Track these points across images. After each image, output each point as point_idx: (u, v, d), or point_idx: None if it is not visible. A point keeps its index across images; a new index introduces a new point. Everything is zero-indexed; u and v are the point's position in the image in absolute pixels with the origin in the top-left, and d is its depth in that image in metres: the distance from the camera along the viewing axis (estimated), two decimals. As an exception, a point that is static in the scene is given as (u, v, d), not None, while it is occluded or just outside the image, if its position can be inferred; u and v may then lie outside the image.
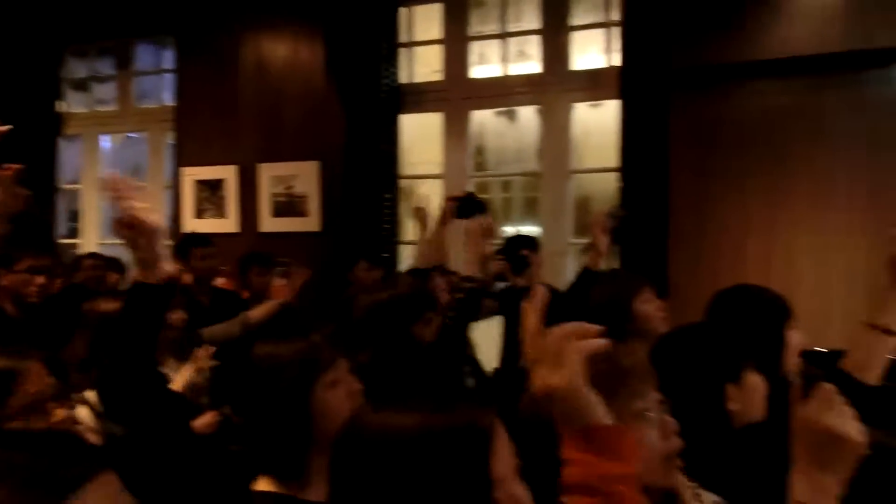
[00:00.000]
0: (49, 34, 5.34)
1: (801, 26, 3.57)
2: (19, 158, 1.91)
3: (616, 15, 4.14)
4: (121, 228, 1.38)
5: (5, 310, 2.76)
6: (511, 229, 4.88)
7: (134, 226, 1.37)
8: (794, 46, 3.58)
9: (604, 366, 1.15)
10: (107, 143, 5.67)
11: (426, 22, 4.79)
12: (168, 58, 5.36)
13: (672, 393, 1.18)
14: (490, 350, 3.51)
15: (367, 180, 4.52)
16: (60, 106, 5.57)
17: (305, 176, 4.78)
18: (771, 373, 1.53)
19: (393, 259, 4.56)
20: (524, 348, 1.03)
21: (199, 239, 3.67)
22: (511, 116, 4.87)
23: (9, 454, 0.68)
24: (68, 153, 5.64)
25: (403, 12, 4.72)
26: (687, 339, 1.52)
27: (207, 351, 2.56)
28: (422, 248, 3.37)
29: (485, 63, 4.76)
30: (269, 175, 4.88)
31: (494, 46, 4.68)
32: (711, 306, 1.87)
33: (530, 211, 4.97)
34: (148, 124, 5.46)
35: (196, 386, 2.65)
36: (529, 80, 4.48)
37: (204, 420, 2.57)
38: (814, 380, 1.10)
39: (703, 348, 1.47)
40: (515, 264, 3.43)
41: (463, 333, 2.45)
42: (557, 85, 4.37)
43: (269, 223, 4.89)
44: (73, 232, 5.67)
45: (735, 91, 3.84)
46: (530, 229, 4.39)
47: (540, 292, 1.08)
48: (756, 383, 1.44)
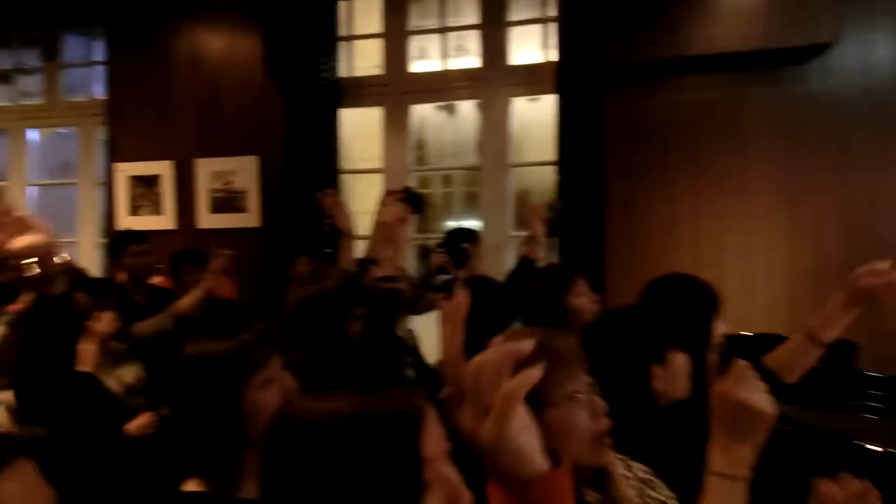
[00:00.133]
0: (-31, 24, 5.11)
1: (726, 24, 3.72)
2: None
3: (553, 11, 4.22)
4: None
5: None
6: (453, 223, 4.92)
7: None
8: (720, 43, 3.72)
9: (536, 352, 1.19)
10: (35, 138, 5.46)
11: (366, 16, 4.77)
12: (98, 49, 5.18)
13: (601, 375, 1.23)
14: (434, 342, 3.54)
15: (308, 175, 4.48)
16: (-17, 99, 5.35)
17: (244, 171, 4.71)
18: (696, 356, 1.61)
19: (335, 255, 4.53)
20: (444, 366, 0.95)
21: (134, 236, 3.57)
22: (451, 111, 4.90)
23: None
24: (-7, 148, 5.42)
25: (343, 6, 4.69)
26: (615, 323, 1.59)
27: (110, 316, 2.50)
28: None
29: (424, 57, 4.77)
30: (207, 170, 4.79)
31: (434, 41, 4.71)
32: (645, 292, 1.95)
33: (471, 204, 5.02)
34: (78, 118, 5.28)
35: (132, 387, 2.60)
36: (468, 75, 4.52)
37: (139, 422, 2.53)
38: (730, 358, 1.17)
39: (630, 330, 1.53)
40: (456, 257, 3.47)
41: (390, 330, 2.42)
42: (496, 80, 4.42)
43: (208, 219, 4.81)
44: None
45: (665, 86, 3.97)
46: (471, 223, 4.43)
47: (461, 300, 0.98)
48: (680, 363, 1.51)
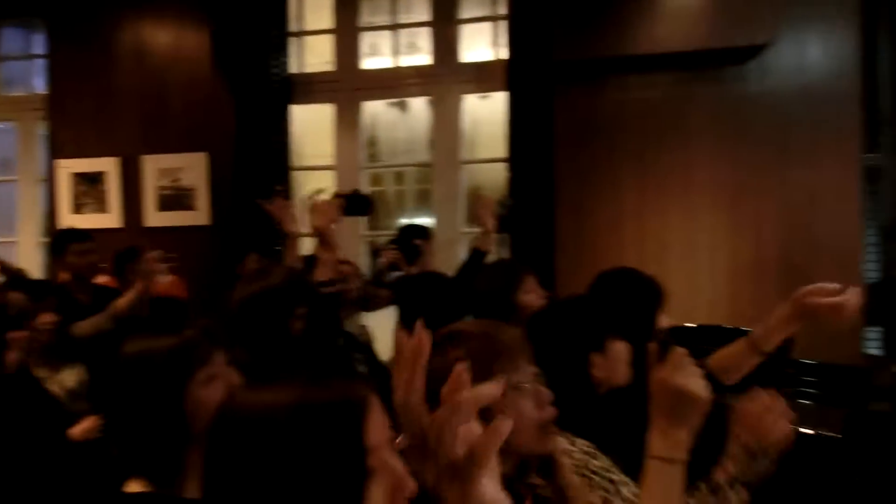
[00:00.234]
0: None
1: (670, 24, 3.82)
2: None
3: (503, 9, 4.26)
4: None
5: None
6: (405, 220, 4.92)
7: None
8: (664, 43, 3.82)
9: (482, 344, 1.21)
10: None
11: (316, 11, 4.74)
12: (38, 42, 5.03)
13: (546, 364, 1.26)
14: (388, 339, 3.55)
15: (258, 172, 4.43)
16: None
17: (193, 168, 4.64)
18: (639, 347, 1.65)
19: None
20: (401, 413, 0.80)
21: (76, 234, 3.48)
22: (403, 108, 4.91)
23: None
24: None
25: (293, 1, 4.64)
26: (557, 313, 1.63)
27: (50, 317, 2.45)
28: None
29: (376, 54, 4.77)
30: (154, 167, 4.70)
31: (385, 38, 4.70)
32: (593, 285, 2.00)
33: (423, 201, 5.03)
34: (17, 113, 5.10)
35: (74, 391, 2.54)
36: (420, 72, 4.53)
37: (83, 426, 2.47)
38: (668, 346, 1.21)
39: (570, 320, 1.57)
40: (408, 254, 3.48)
41: (333, 329, 2.41)
42: (447, 77, 4.44)
43: (155, 217, 4.72)
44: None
45: (612, 85, 4.05)
46: (423, 220, 4.44)
47: (421, 341, 0.78)
48: (619, 352, 1.55)
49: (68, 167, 4.79)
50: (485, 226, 3.04)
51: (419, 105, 4.76)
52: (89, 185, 4.79)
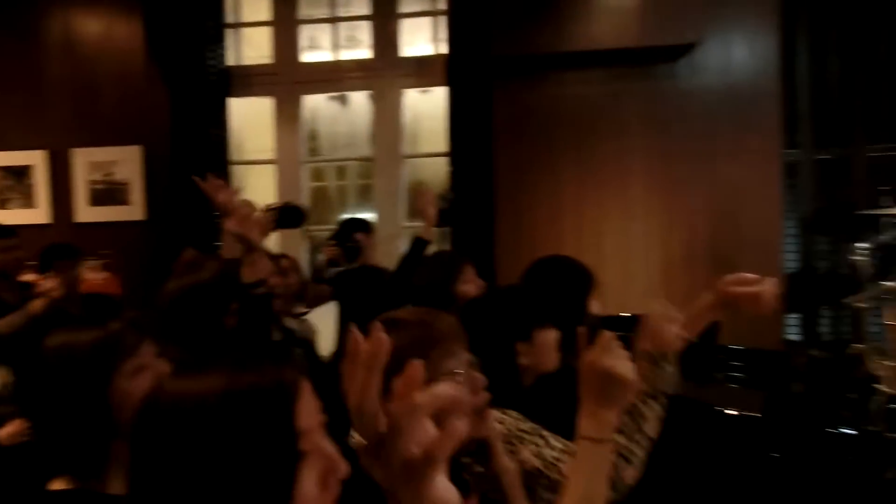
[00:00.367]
0: None
1: (605, 22, 3.92)
2: None
3: (442, 4, 4.27)
4: None
5: None
6: (347, 215, 4.89)
7: None
8: (599, 40, 3.91)
9: (418, 331, 1.23)
10: None
11: (254, 3, 4.67)
12: (-42, 30, 4.80)
13: (478, 351, 1.29)
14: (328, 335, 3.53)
15: (196, 166, 4.32)
16: None
17: (126, 162, 4.51)
18: (571, 332, 1.71)
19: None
20: (355, 414, 0.78)
21: (0, 230, 3.35)
22: (343, 101, 4.88)
23: None
24: None
25: (230, -8, 4.57)
26: (487, 303, 1.67)
27: None
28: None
29: (315, 48, 4.72)
30: (85, 161, 4.55)
31: (325, 31, 4.67)
32: (527, 273, 2.05)
33: (365, 196, 5.02)
34: (-64, 104, 4.87)
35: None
36: (360, 66, 4.52)
37: (9, 430, 2.38)
38: (597, 330, 1.25)
39: (498, 311, 1.62)
40: (348, 251, 3.47)
41: (267, 324, 2.39)
42: (388, 71, 4.44)
43: (87, 213, 4.57)
44: None
45: (549, 80, 4.12)
46: (365, 214, 4.43)
47: (380, 342, 0.76)
48: (546, 340, 1.60)
49: (-7, 161, 4.60)
50: (425, 215, 3.07)
51: (360, 99, 4.75)
52: (15, 179, 4.60)
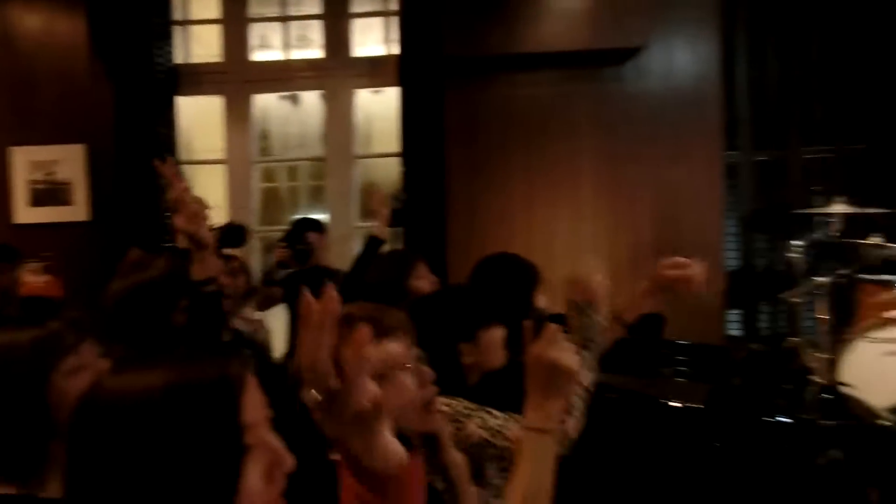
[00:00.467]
0: None
1: (555, 24, 3.99)
2: None
3: (394, 4, 4.28)
4: None
5: None
6: (299, 216, 4.84)
7: None
8: (549, 42, 3.98)
9: (368, 325, 1.24)
10: None
11: (203, 0, 4.60)
12: None
13: (427, 346, 1.31)
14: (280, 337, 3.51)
15: (142, 165, 4.24)
16: None
17: (69, 161, 4.38)
18: (517, 328, 1.74)
19: (175, 250, 4.34)
20: (307, 369, 0.82)
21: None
22: (295, 101, 4.84)
23: None
24: None
25: (177, -12, 4.49)
26: (434, 303, 1.71)
27: None
28: None
29: (266, 46, 4.68)
30: (25, 160, 4.41)
31: (275, 30, 4.63)
32: (475, 271, 2.09)
33: (317, 197, 4.99)
34: None
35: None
36: (312, 65, 4.49)
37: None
38: (542, 323, 1.27)
39: (443, 311, 1.66)
40: (299, 253, 3.45)
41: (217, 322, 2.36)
42: (340, 71, 4.43)
43: (27, 213, 4.43)
44: None
45: (501, 82, 4.18)
46: (318, 216, 4.41)
47: (331, 299, 0.83)
48: (491, 339, 1.64)
49: (-75, 160, 4.42)
50: (379, 217, 3.08)
51: (312, 99, 4.72)
52: (-50, 179, 4.44)
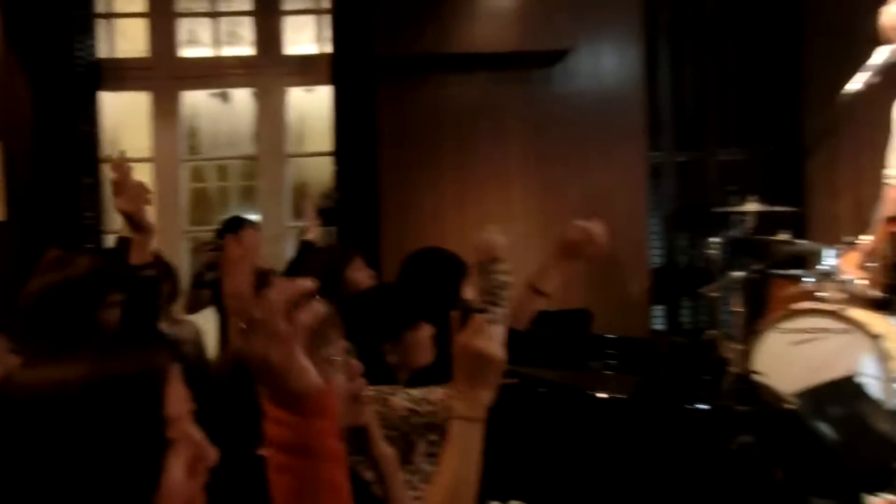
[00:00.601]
0: None
1: (486, 26, 4.06)
2: None
3: (326, 2, 4.26)
4: None
5: None
6: (229, 216, 4.75)
7: None
8: (480, 43, 4.05)
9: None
10: None
11: (129, -7, 4.47)
12: None
13: (356, 341, 1.32)
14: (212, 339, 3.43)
15: (62, 163, 4.09)
16: None
17: (-18, 159, 4.19)
18: (447, 320, 1.78)
19: (99, 249, 4.20)
20: (231, 299, 0.95)
21: None
22: (225, 99, 4.76)
23: None
24: None
25: (100, -21, 4.34)
26: (362, 302, 1.74)
27: None
28: None
29: (195, 42, 4.58)
30: (-66, 157, 4.18)
31: (205, 26, 4.53)
32: (402, 268, 2.14)
33: (247, 197, 4.92)
34: None
35: None
36: (243, 63, 4.42)
37: None
38: (468, 313, 1.30)
39: (369, 312, 1.68)
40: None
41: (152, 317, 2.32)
42: (271, 69, 4.37)
43: (-64, 213, 4.20)
44: None
45: (432, 81, 4.22)
46: (249, 216, 4.34)
47: (251, 238, 1.00)
48: (417, 339, 1.67)
49: None
50: (309, 220, 3.08)
51: (243, 97, 4.65)
52: None
